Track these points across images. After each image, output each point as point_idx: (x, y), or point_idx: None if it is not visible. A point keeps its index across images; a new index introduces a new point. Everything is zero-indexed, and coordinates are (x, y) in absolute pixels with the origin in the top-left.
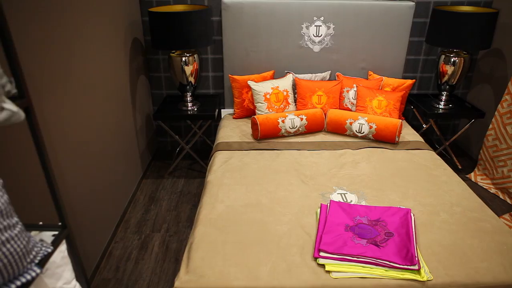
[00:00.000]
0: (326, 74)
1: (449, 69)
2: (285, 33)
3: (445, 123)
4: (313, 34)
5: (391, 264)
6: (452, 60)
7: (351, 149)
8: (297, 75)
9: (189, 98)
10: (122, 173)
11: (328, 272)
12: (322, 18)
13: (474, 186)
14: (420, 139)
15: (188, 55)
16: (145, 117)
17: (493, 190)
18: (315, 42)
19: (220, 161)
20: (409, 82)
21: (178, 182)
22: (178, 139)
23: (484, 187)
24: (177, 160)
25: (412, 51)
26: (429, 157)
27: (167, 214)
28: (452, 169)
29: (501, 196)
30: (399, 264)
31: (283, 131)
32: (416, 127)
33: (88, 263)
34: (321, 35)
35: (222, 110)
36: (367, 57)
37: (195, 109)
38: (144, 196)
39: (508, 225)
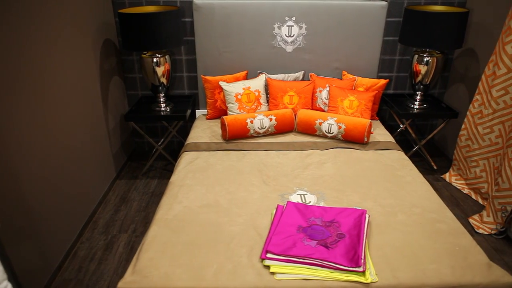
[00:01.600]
0: (299, 74)
1: (423, 68)
2: (257, 34)
3: (422, 123)
4: (285, 34)
5: (336, 265)
6: (425, 59)
7: (319, 150)
8: (270, 75)
9: (162, 99)
10: (92, 173)
11: (273, 273)
12: (293, 18)
13: (448, 187)
14: (391, 139)
15: (159, 56)
16: (120, 118)
17: (466, 191)
18: (287, 42)
19: (185, 162)
20: (383, 82)
21: (151, 182)
22: (150, 139)
23: (458, 187)
24: (150, 160)
25: (387, 50)
26: (397, 157)
27: (136, 214)
28: (428, 169)
29: (473, 197)
30: (344, 266)
31: (252, 131)
32: (394, 127)
33: (49, 264)
34: (294, 35)
35: (196, 110)
36: (341, 57)
37: (168, 110)
38: (115, 196)
39: (476, 225)
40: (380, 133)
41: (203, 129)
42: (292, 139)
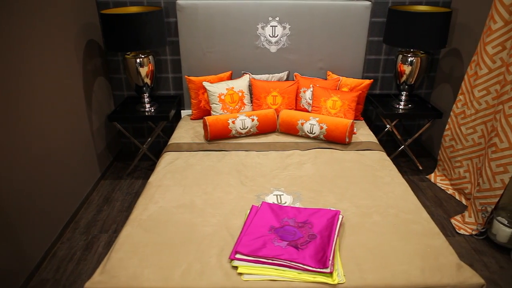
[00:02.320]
0: (283, 75)
1: (407, 68)
2: (241, 34)
3: (409, 123)
4: (269, 35)
5: (304, 267)
6: (409, 60)
7: (299, 150)
8: (254, 75)
9: (146, 100)
10: (74, 174)
11: (240, 274)
12: (277, 18)
13: (432, 187)
14: (374, 139)
15: (143, 56)
16: (105, 118)
17: (450, 191)
18: (271, 43)
19: (166, 162)
20: (367, 82)
21: (136, 183)
22: (134, 140)
23: (443, 188)
24: (135, 161)
25: (373, 51)
26: (378, 158)
27: (118, 215)
28: (414, 169)
29: (457, 197)
30: (312, 267)
31: (233, 132)
32: (381, 127)
33: (26, 264)
34: (277, 35)
35: (182, 111)
36: (325, 57)
37: (153, 110)
38: (99, 196)
39: (458, 226)
40: (364, 134)
41: (187, 130)
42: (274, 140)
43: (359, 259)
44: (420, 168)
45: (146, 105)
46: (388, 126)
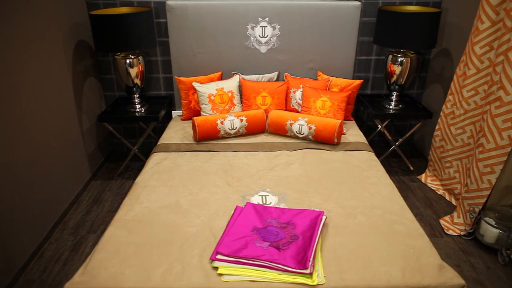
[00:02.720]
0: (274, 75)
1: (397, 69)
2: (230, 34)
3: (401, 123)
4: (259, 35)
5: (284, 267)
6: (399, 60)
7: (288, 150)
8: (244, 76)
9: (137, 100)
10: (63, 175)
11: (221, 275)
12: (267, 19)
13: (423, 187)
14: (363, 140)
15: (132, 57)
16: (96, 118)
17: (440, 191)
18: (261, 43)
19: (153, 163)
20: (357, 82)
21: (126, 183)
22: (124, 140)
23: (433, 188)
24: (125, 161)
25: (364, 51)
26: (366, 158)
27: (107, 215)
28: (406, 170)
29: (447, 197)
30: (292, 268)
31: (222, 132)
32: (373, 128)
33: (12, 265)
34: (267, 35)
35: (173, 111)
36: (316, 58)
37: (143, 111)
38: (89, 197)
39: (447, 227)
40: (353, 134)
41: (176, 130)
42: (263, 140)
43: (341, 260)
44: (411, 168)
45: (137, 105)
46: (379, 126)
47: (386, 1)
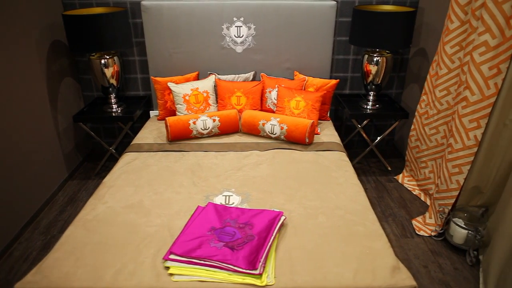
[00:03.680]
0: (249, 75)
1: (373, 68)
2: (206, 35)
3: (381, 123)
4: (235, 35)
5: (234, 268)
6: (375, 59)
7: (258, 151)
8: (220, 76)
9: (113, 100)
10: (37, 174)
11: (171, 274)
12: (242, 19)
13: (399, 188)
14: (337, 140)
15: (107, 57)
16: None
17: (416, 192)
18: (237, 43)
19: (124, 163)
20: (333, 82)
21: None
22: (101, 141)
23: (409, 188)
24: (102, 161)
25: (341, 50)
26: (337, 158)
27: None
28: (384, 170)
29: (422, 198)
30: (242, 268)
31: (195, 132)
32: (353, 128)
33: None
34: (243, 35)
35: (150, 111)
36: (292, 57)
37: (119, 111)
38: (64, 197)
39: (418, 227)
40: (328, 134)
41: (151, 130)
42: (236, 140)
43: (294, 261)
44: (389, 168)
45: (113, 105)
46: (359, 126)
47: (362, 1)
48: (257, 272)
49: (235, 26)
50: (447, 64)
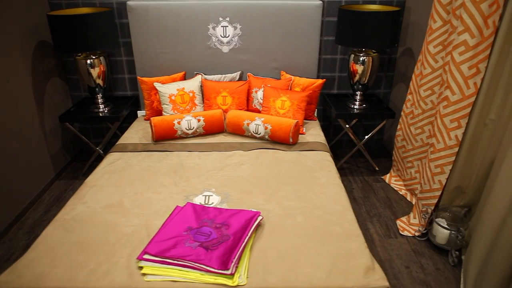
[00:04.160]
0: (236, 75)
1: (359, 68)
2: (192, 35)
3: (369, 123)
4: (221, 35)
5: (207, 268)
6: (361, 59)
7: (242, 150)
8: (206, 76)
9: (100, 100)
10: (22, 174)
11: (144, 274)
12: (227, 19)
13: (386, 188)
14: (322, 140)
15: (93, 57)
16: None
17: (403, 192)
18: (223, 43)
19: (107, 163)
20: (319, 81)
21: None
22: (87, 140)
23: (396, 188)
24: (89, 161)
25: (328, 50)
26: (320, 158)
27: None
28: (371, 170)
29: (408, 198)
30: (214, 268)
31: (179, 132)
32: (341, 128)
33: None
34: (229, 35)
35: (138, 111)
36: (278, 57)
37: (106, 111)
38: (50, 197)
39: (402, 227)
40: (313, 134)
41: (137, 130)
42: (220, 140)
43: (268, 261)
44: (376, 168)
45: (100, 105)
46: (347, 125)
47: (349, 0)
48: (229, 272)
49: (221, 26)
50: (430, 63)
